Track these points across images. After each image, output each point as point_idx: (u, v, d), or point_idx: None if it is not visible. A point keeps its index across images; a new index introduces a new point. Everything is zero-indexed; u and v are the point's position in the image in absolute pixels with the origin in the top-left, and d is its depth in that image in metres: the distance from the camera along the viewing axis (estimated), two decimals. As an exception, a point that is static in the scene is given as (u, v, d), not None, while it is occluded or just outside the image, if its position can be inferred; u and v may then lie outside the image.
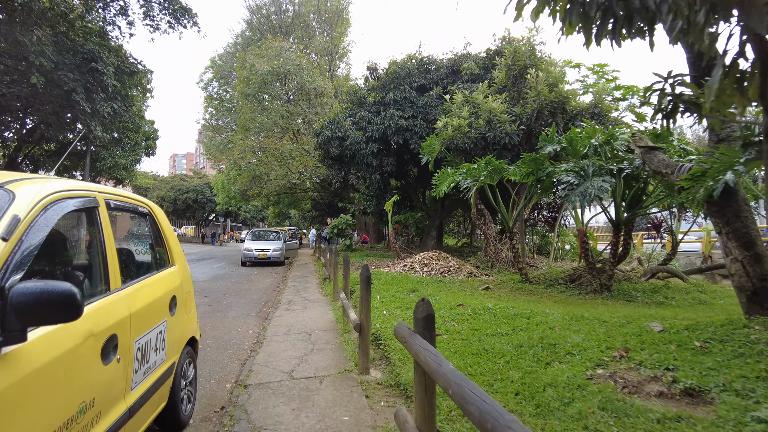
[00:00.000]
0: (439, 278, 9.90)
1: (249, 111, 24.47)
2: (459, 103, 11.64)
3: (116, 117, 13.65)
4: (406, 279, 9.63)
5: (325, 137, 15.21)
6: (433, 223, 18.51)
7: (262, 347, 6.07)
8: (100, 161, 21.97)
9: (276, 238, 22.06)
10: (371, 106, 15.97)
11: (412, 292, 8.05)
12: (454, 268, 10.55)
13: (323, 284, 12.40)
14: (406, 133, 14.79)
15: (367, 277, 4.72)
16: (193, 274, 15.72)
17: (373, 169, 15.54)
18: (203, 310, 9.26)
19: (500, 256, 12.75)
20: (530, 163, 8.80)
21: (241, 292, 12.06)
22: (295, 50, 24.16)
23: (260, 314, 8.88)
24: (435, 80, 15.60)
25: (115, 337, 2.37)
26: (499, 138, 10.60)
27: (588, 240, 8.87)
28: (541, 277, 10.01)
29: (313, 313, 8.29)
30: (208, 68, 35.27)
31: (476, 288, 8.89)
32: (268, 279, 15.14)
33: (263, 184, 27.13)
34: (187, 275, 3.93)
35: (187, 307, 3.79)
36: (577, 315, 5.90)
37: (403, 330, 2.59)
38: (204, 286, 13.03)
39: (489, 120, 10.73)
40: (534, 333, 5.09)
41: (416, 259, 11.18)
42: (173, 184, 58.73)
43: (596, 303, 7.66)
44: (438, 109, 14.86)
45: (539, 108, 10.38)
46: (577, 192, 7.33)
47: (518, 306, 6.67)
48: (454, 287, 8.93)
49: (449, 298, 7.52)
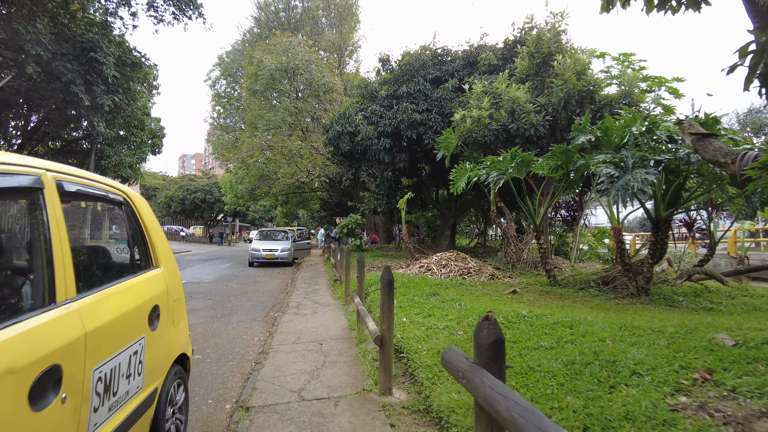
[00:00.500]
0: (459, 280, 9.17)
1: (257, 108, 23.90)
2: (478, 94, 10.91)
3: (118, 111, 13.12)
4: (424, 281, 8.91)
5: (335, 132, 14.54)
6: (446, 222, 17.78)
7: (267, 359, 5.40)
8: (105, 159, 21.51)
9: (284, 238, 21.46)
10: (383, 100, 15.27)
11: (432, 296, 7.34)
12: (474, 269, 9.82)
13: (334, 286, 11.73)
14: (420, 128, 14.08)
15: (389, 282, 4.03)
16: (198, 275, 15.13)
17: (385, 165, 14.84)
18: (206, 314, 8.63)
19: (521, 256, 12.00)
20: (560, 155, 8.05)
21: (248, 294, 11.44)
22: (303, 45, 23.54)
23: (267, 319, 8.23)
24: (450, 72, 14.87)
25: (58, 369, 1.70)
26: (523, 130, 9.84)
27: (624, 240, 8.09)
28: (570, 280, 9.24)
29: (324, 319, 7.62)
30: (215, 66, 34.84)
31: (501, 292, 8.15)
32: (275, 280, 14.51)
33: (271, 183, 26.56)
34: (175, 280, 3.26)
35: (174, 318, 3.12)
36: (626, 324, 5.15)
37: (459, 360, 1.85)
38: (208, 288, 12.43)
39: (512, 110, 9.97)
40: (583, 346, 4.36)
41: (433, 259, 10.46)
42: (181, 184, 58.53)
43: (638, 309, 6.89)
44: (454, 102, 14.13)
45: (566, 97, 9.61)
46: (617, 186, 6.57)
47: (554, 313, 5.93)
48: (476, 291, 8.20)
49: (474, 303, 6.80)
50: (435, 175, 18.15)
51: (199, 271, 17.54)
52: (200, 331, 7.22)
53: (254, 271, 17.41)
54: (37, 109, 14.40)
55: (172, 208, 54.42)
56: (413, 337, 5.11)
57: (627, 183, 6.52)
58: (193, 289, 12.15)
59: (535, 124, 9.62)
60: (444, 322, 5.65)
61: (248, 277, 15.47)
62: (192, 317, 8.31)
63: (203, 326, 7.56)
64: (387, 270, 4.11)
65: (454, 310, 6.16)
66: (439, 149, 13.33)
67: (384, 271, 4.11)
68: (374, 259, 15.97)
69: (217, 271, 17.41)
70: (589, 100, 9.85)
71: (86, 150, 21.64)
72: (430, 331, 5.27)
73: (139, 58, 13.48)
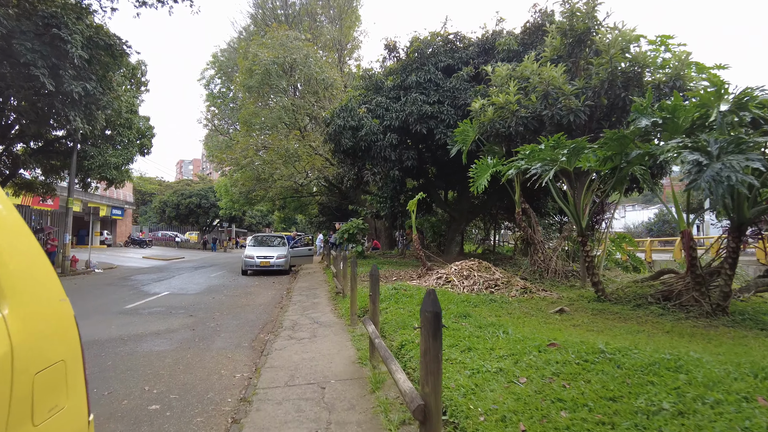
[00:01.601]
0: (488, 296, 7.64)
1: (251, 105, 22.42)
2: (503, 77, 9.46)
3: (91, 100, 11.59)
4: (447, 297, 7.37)
5: (336, 127, 13.06)
6: (456, 226, 16.28)
7: (249, 414, 3.87)
8: (89, 160, 19.98)
9: (280, 244, 19.91)
10: (389, 91, 13.80)
11: (463, 318, 5.81)
12: (502, 281, 8.30)
13: (335, 300, 10.19)
14: (430, 121, 12.60)
15: (434, 318, 2.50)
16: (185, 285, 13.50)
17: (391, 163, 13.35)
18: (181, 338, 7.08)
19: (549, 265, 10.48)
20: (614, 143, 6.55)
21: (236, 309, 9.89)
22: (301, 39, 22.12)
23: (255, 345, 6.68)
24: (464, 60, 13.42)
25: None
26: (559, 117, 8.36)
27: (695, 245, 6.60)
28: (620, 294, 7.72)
29: (326, 346, 6.08)
30: (209, 64, 33.40)
31: (545, 311, 6.63)
32: (269, 292, 12.95)
33: (267, 186, 25.05)
34: (49, 330, 1.72)
35: (38, 406, 1.58)
36: (755, 363, 3.64)
37: None
38: (192, 302, 10.87)
39: (545, 94, 8.49)
40: (725, 411, 2.84)
41: (452, 269, 8.93)
42: (176, 188, 56.97)
43: (732, 335, 5.37)
44: (469, 92, 12.67)
45: (610, 78, 8.13)
46: (705, 176, 5.08)
47: (636, 345, 4.41)
48: (513, 310, 6.67)
49: (521, 328, 5.28)
50: (446, 175, 16.67)
51: (186, 280, 15.98)
52: (168, 363, 5.68)
53: (247, 281, 15.85)
54: (4, 100, 12.84)
55: (167, 214, 52.82)
56: (457, 387, 3.58)
57: (719, 173, 5.02)
58: (174, 303, 10.60)
59: (575, 110, 8.12)
60: (493, 360, 4.12)
61: (239, 287, 13.91)
62: (164, 343, 6.76)
63: (174, 356, 6.02)
64: (431, 298, 2.56)
65: (500, 341, 4.64)
66: (452, 144, 11.87)
67: (426, 299, 2.56)
68: (379, 267, 14.44)
69: (206, 281, 15.85)
70: (635, 82, 8.38)
71: (69, 150, 20.12)
72: (478, 377, 3.74)
73: (115, 40, 11.95)
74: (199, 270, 20.70)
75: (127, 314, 9.19)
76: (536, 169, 6.45)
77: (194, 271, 20.18)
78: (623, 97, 8.16)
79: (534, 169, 6.51)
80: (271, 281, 15.79)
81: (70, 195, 19.60)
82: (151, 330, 7.63)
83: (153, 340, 6.94)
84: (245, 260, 17.94)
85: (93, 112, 13.56)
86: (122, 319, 8.67)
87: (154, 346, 6.56)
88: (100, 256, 28.17)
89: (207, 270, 20.70)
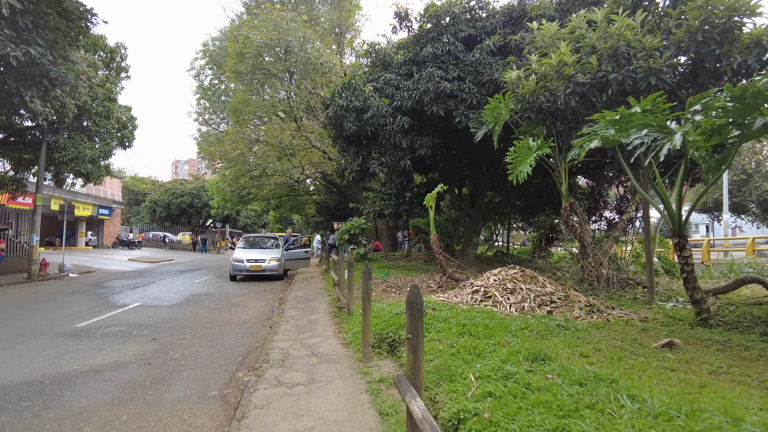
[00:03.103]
0: (549, 318, 5.62)
1: (242, 93, 20.37)
2: (551, 36, 7.50)
3: (38, 71, 9.55)
4: (497, 322, 5.34)
5: (337, 108, 11.05)
6: (474, 226, 14.29)
7: None
8: (60, 152, 17.90)
9: (274, 246, 17.89)
10: (400, 67, 11.79)
11: (541, 364, 3.81)
12: (560, 297, 6.33)
13: (339, 318, 8.18)
14: (449, 101, 10.62)
15: None
16: (161, 294, 11.16)
17: (402, 152, 11.35)
18: (127, 379, 5.06)
19: (602, 273, 8.51)
20: (736, 105, 4.59)
21: (214, 329, 7.87)
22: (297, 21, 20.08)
23: (229, 392, 4.68)
24: (488, 30, 11.44)
25: None
26: (632, 81, 6.35)
27: None
28: (728, 315, 5.74)
29: (331, 402, 4.08)
30: (200, 53, 31.33)
31: (644, 343, 4.63)
32: (258, 303, 10.93)
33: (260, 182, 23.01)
34: None
35: None
36: None
37: None
38: (163, 317, 8.84)
39: (614, 52, 6.48)
40: None
41: (490, 280, 6.92)
42: (168, 187, 54.77)
43: None
44: (495, 66, 10.69)
45: (702, 28, 6.10)
46: None
47: None
48: (598, 342, 4.67)
49: (647, 386, 3.28)
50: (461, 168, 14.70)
51: (166, 287, 13.94)
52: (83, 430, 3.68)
53: (234, 288, 13.82)
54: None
55: (157, 214, 50.63)
56: None
57: None
58: (140, 320, 8.57)
59: (656, 71, 6.13)
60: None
61: (224, 297, 11.87)
62: (99, 390, 4.74)
63: (103, 418, 4.01)
64: None
65: (639, 420, 2.64)
66: (477, 127, 9.88)
67: None
68: (387, 273, 12.45)
69: (188, 288, 13.81)
70: (731, 36, 6.38)
71: (38, 141, 18.05)
72: None
73: None
74: (185, 274, 18.65)
75: (73, 337, 7.17)
76: (640, 138, 4.45)
77: (178, 275, 18.13)
78: (717, 54, 6.20)
79: (637, 139, 4.50)
80: (262, 288, 13.77)
81: (39, 191, 17.52)
82: (92, 364, 5.62)
83: (86, 384, 4.92)
84: (233, 264, 15.91)
85: (50, 92, 11.48)
86: (63, 344, 6.64)
87: (83, 397, 4.54)
88: (80, 259, 26.09)
89: (193, 274, 18.65)
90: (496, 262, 16.22)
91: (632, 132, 4.54)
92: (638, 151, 4.30)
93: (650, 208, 8.36)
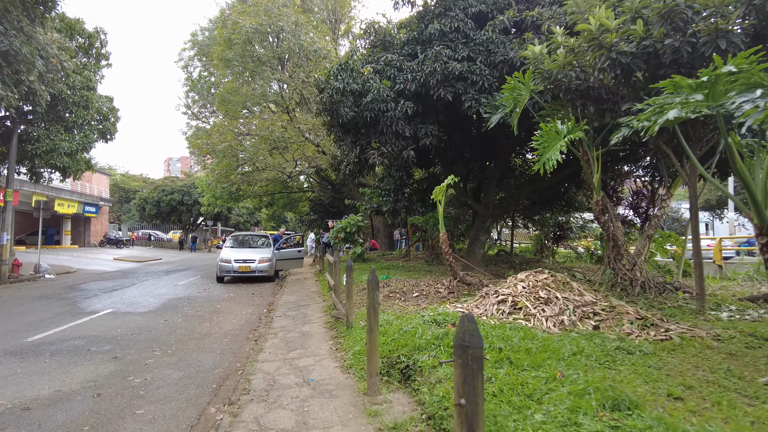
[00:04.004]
0: (602, 338, 4.51)
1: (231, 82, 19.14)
2: None
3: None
4: (535, 341, 4.23)
5: (333, 91, 9.88)
6: (481, 224, 13.17)
7: None
8: (33, 144, 16.59)
9: (265, 245, 16.70)
10: (402, 47, 10.65)
11: (627, 416, 2.70)
12: (603, 308, 5.24)
13: (335, 329, 7.03)
14: (458, 84, 9.50)
15: None
16: (139, 298, 8.70)
17: (405, 141, 10.22)
18: (65, 419, 3.88)
19: (636, 276, 7.43)
20: None
21: (189, 343, 6.70)
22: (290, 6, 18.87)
23: (191, 442, 3.53)
24: (500, 7, 10.34)
25: None
26: (693, 47, 5.25)
27: None
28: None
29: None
30: (188, 44, 29.98)
31: (746, 377, 3.52)
32: (245, 309, 9.76)
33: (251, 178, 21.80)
34: None
35: None
36: None
37: None
38: (133, 329, 7.65)
39: (668, 12, 5.37)
40: None
41: (518, 287, 5.77)
42: (158, 185, 53.25)
43: None
44: (510, 45, 9.57)
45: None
46: None
47: None
48: (683, 374, 3.57)
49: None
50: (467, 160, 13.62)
51: (146, 290, 12.72)
52: None
53: (220, 291, 12.63)
54: None
55: (147, 211, 49.11)
56: None
57: None
58: (104, 332, 7.38)
59: (725, 33, 5.03)
60: None
61: (207, 302, 10.69)
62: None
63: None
64: None
65: None
66: (491, 111, 8.80)
67: None
68: (388, 276, 11.31)
69: (169, 291, 12.60)
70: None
71: (7, 132, 16.74)
72: None
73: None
74: (170, 275, 17.41)
75: (17, 355, 5.97)
76: (753, 102, 3.33)
77: (163, 276, 16.90)
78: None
79: (747, 103, 3.38)
80: (250, 292, 12.59)
81: (9, 186, 16.20)
82: (24, 397, 4.44)
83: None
84: (220, 264, 14.71)
85: (4, 71, 10.25)
86: (0, 366, 5.45)
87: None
88: (63, 258, 24.71)
89: (179, 275, 17.42)
90: (500, 261, 15.12)
91: (733, 97, 3.42)
92: (749, 121, 3.19)
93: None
